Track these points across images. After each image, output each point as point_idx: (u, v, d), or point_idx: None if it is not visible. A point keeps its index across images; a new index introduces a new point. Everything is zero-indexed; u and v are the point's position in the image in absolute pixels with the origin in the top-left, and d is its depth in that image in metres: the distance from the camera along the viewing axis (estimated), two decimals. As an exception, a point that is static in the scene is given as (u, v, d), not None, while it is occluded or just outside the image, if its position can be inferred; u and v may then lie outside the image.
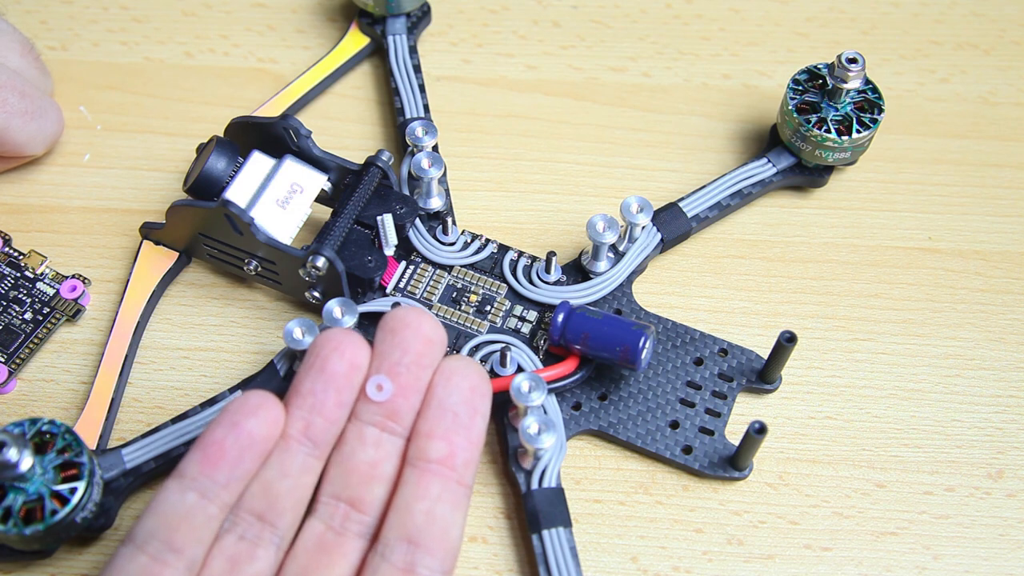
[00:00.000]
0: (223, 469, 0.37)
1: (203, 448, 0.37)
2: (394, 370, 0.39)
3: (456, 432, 0.38)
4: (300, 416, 0.38)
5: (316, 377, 0.38)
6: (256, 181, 0.46)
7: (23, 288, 0.47)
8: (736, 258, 0.50)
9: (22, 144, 0.48)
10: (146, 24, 0.56)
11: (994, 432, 0.46)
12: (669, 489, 0.44)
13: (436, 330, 0.40)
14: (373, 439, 0.38)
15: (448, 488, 0.38)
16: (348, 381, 0.38)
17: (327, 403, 0.38)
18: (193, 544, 0.36)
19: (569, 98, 0.54)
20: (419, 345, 0.39)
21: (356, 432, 0.39)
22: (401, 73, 0.52)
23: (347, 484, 0.38)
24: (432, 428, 0.38)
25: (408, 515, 0.37)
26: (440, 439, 0.38)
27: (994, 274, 0.50)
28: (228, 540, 0.37)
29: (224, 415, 0.38)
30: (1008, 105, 0.54)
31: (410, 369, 0.39)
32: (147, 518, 0.37)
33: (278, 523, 0.38)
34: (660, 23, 0.57)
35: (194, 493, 0.37)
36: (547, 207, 0.51)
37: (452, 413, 0.39)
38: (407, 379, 0.39)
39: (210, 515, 0.37)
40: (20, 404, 0.46)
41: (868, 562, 0.43)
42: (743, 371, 0.46)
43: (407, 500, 0.38)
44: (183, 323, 0.48)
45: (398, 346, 0.39)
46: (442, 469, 0.38)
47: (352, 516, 0.38)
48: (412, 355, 0.39)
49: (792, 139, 0.49)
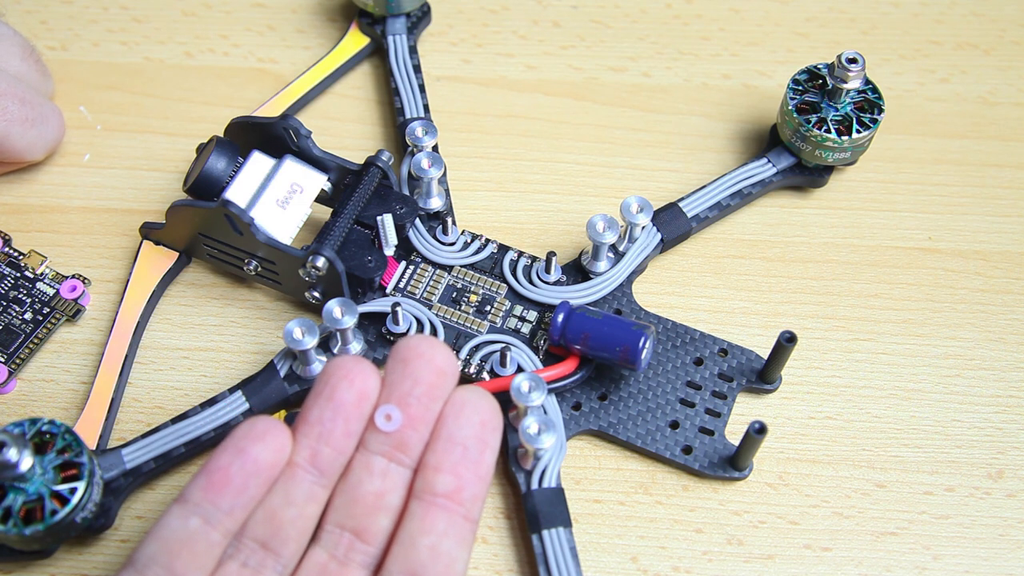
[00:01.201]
0: (227, 495, 0.36)
1: (208, 474, 0.37)
2: (404, 400, 0.38)
3: (464, 466, 0.38)
4: (307, 444, 0.38)
5: (324, 405, 0.38)
6: (256, 181, 0.46)
7: (23, 288, 0.47)
8: (736, 258, 0.50)
9: (22, 151, 0.48)
10: (146, 24, 0.56)
11: (994, 432, 0.46)
12: (669, 489, 0.44)
13: (449, 361, 0.39)
14: (380, 469, 0.38)
15: (454, 523, 0.37)
16: (357, 410, 0.38)
17: (335, 432, 0.38)
18: (194, 571, 0.36)
19: (569, 98, 0.54)
20: (431, 376, 0.38)
21: (363, 462, 0.38)
22: (401, 73, 0.52)
23: (352, 514, 0.38)
24: (440, 461, 0.38)
25: (412, 549, 0.37)
26: (448, 473, 0.38)
27: (994, 274, 0.50)
28: (231, 567, 0.37)
29: (230, 440, 0.37)
30: (1008, 105, 0.54)
31: (420, 400, 0.38)
32: (149, 542, 0.36)
33: (281, 551, 0.37)
34: (660, 23, 0.57)
35: (197, 519, 0.36)
36: (547, 207, 0.51)
37: (461, 447, 0.38)
38: (417, 410, 0.38)
39: (213, 542, 0.36)
40: (20, 404, 0.46)
41: (868, 562, 0.43)
42: (743, 371, 0.46)
43: (412, 534, 0.37)
44: (183, 323, 0.48)
45: (409, 376, 0.38)
46: (448, 503, 0.37)
47: (356, 546, 0.38)
48: (423, 386, 0.38)
49: (792, 139, 0.49)
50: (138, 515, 0.44)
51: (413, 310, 0.46)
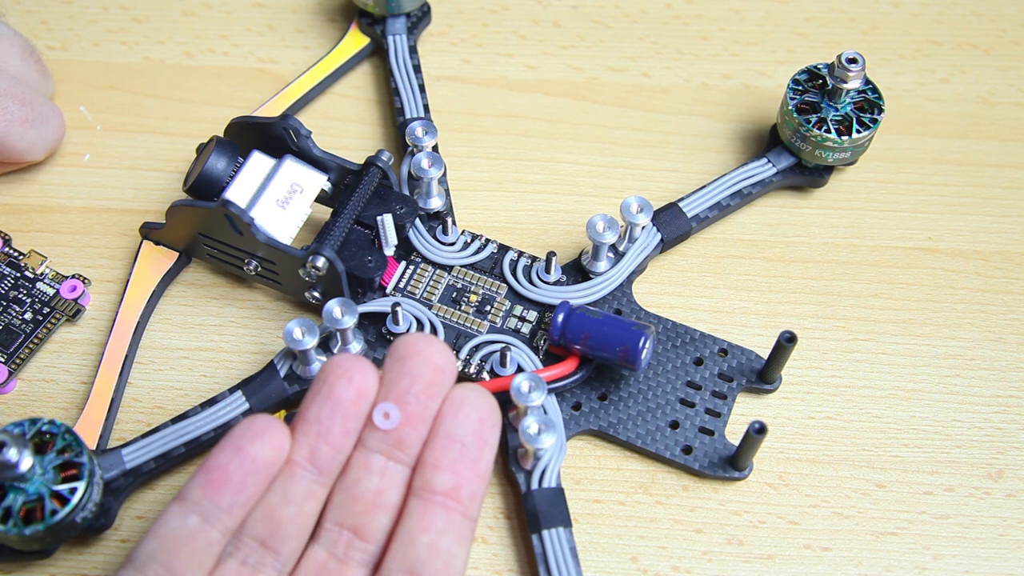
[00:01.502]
0: (226, 494, 0.36)
1: (206, 472, 0.37)
2: (402, 398, 0.38)
3: (463, 464, 0.38)
4: (306, 442, 0.38)
5: (323, 403, 0.38)
6: (256, 181, 0.46)
7: (23, 288, 0.47)
8: (736, 258, 0.50)
9: (22, 151, 0.48)
10: (146, 24, 0.56)
11: (994, 432, 0.46)
12: (669, 489, 0.44)
13: (446, 358, 0.39)
14: (379, 467, 0.38)
15: (452, 521, 0.37)
16: (355, 408, 0.38)
17: (333, 430, 0.38)
18: (193, 569, 0.36)
19: (569, 98, 0.54)
20: (429, 374, 0.38)
21: (362, 460, 0.38)
22: (401, 73, 0.52)
23: (351, 512, 0.38)
24: (439, 459, 0.38)
25: (411, 547, 0.37)
26: (446, 470, 0.38)
27: (994, 274, 0.50)
28: (230, 565, 0.37)
29: (228, 439, 0.37)
30: (1008, 105, 0.54)
31: (418, 398, 0.38)
32: (147, 541, 0.36)
33: (281, 549, 0.37)
34: (660, 23, 0.57)
35: (196, 517, 0.36)
36: (547, 207, 0.51)
37: (460, 444, 0.38)
38: (415, 408, 0.38)
39: (211, 540, 0.36)
40: (20, 404, 0.46)
41: (868, 562, 0.43)
42: (743, 371, 0.46)
43: (411, 531, 0.37)
44: (183, 323, 0.48)
45: (407, 374, 0.38)
46: (447, 501, 0.37)
47: (355, 544, 0.38)
48: (421, 384, 0.38)
49: (792, 139, 0.49)
50: (138, 515, 0.44)
51: (413, 310, 0.46)
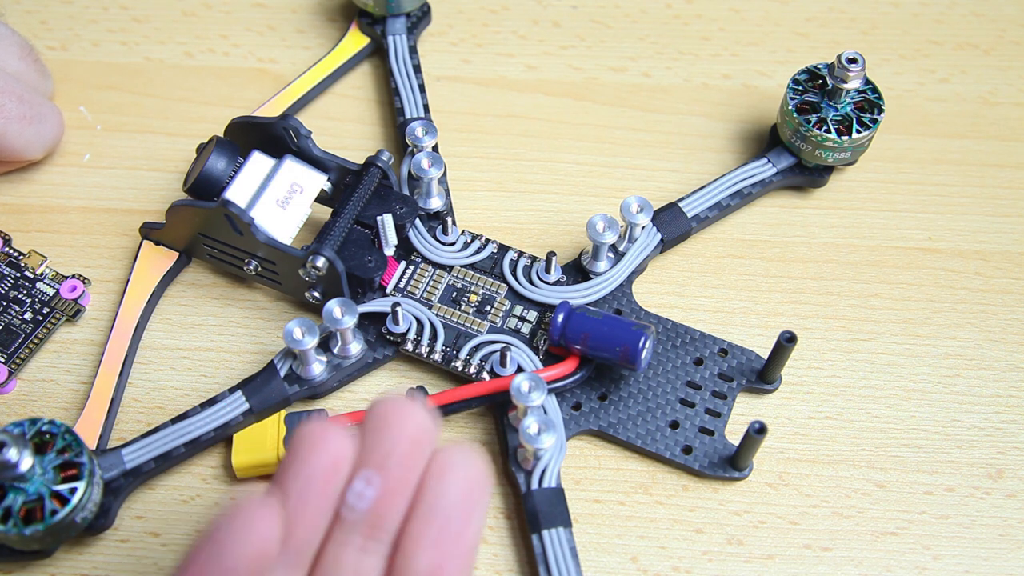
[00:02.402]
0: None
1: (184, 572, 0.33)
2: (381, 466, 0.35)
3: (445, 541, 0.34)
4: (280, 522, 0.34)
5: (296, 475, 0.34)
6: (256, 181, 0.46)
7: (23, 288, 0.47)
8: (736, 258, 0.50)
9: (20, 149, 0.48)
10: (146, 24, 0.56)
11: (994, 432, 0.46)
12: (669, 489, 0.44)
13: (427, 423, 0.35)
14: (356, 549, 0.34)
15: None
16: (327, 485, 0.34)
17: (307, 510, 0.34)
18: None
19: (569, 98, 0.54)
20: (405, 444, 0.35)
21: (339, 541, 0.35)
22: (401, 73, 0.52)
23: None
24: (420, 534, 0.34)
25: None
26: (429, 548, 0.34)
27: (994, 274, 0.50)
28: None
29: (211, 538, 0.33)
30: (1008, 105, 0.54)
31: (398, 466, 0.35)
32: None
33: None
34: (660, 23, 0.57)
35: None
36: (547, 207, 0.51)
37: (443, 517, 0.34)
38: (395, 478, 0.35)
39: None
40: (20, 404, 0.46)
41: (868, 562, 0.43)
42: (743, 371, 0.46)
43: None
44: (183, 323, 0.48)
45: (384, 442, 0.35)
46: None
47: None
48: (397, 456, 0.35)
49: (792, 139, 0.49)
50: (138, 515, 0.44)
51: (413, 310, 0.46)
